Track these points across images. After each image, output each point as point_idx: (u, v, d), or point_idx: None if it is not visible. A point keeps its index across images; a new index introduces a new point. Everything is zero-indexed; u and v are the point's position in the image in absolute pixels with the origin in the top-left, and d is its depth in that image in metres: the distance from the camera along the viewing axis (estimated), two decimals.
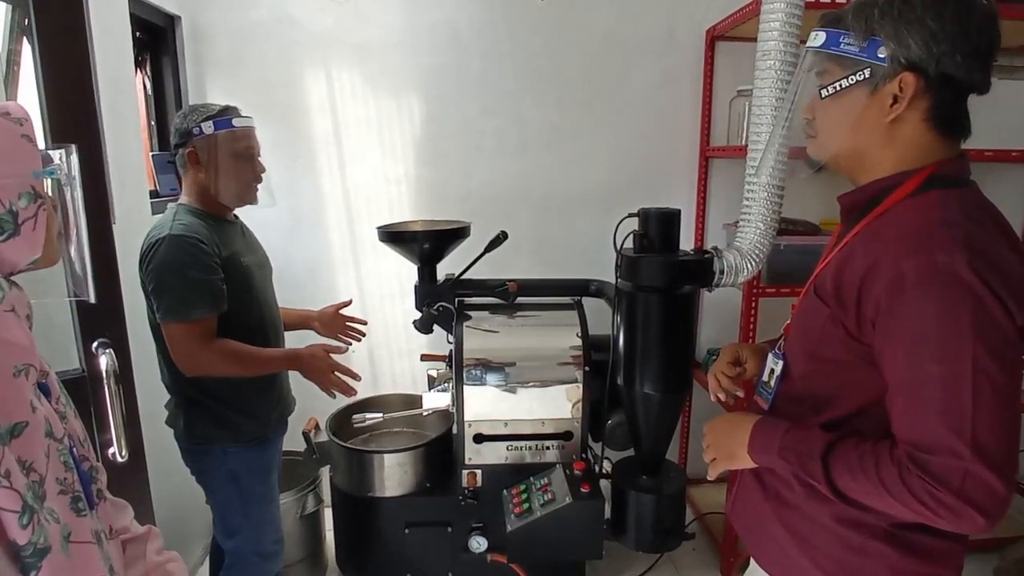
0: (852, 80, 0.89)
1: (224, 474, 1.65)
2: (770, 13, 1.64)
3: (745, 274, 1.72)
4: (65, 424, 0.80)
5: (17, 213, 0.70)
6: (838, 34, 0.89)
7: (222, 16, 2.33)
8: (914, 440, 0.81)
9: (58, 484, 0.74)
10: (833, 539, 0.96)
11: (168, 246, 1.48)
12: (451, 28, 2.44)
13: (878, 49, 0.86)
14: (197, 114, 1.59)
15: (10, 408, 0.68)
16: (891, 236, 0.86)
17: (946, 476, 0.78)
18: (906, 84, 0.86)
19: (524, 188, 2.57)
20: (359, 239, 2.56)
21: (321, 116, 2.46)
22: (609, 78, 2.52)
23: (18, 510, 0.64)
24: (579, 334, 1.90)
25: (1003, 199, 2.35)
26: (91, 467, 0.84)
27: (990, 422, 0.77)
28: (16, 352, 0.70)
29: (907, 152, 0.90)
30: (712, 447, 1.08)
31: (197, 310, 1.49)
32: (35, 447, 0.71)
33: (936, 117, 0.88)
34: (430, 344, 2.43)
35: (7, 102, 0.75)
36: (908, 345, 0.81)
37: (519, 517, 1.76)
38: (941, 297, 0.78)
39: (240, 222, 1.77)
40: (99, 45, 1.76)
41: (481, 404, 1.88)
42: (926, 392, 0.80)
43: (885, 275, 0.82)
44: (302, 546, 2.26)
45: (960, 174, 0.92)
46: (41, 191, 0.73)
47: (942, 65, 0.84)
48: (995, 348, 0.78)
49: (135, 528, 0.95)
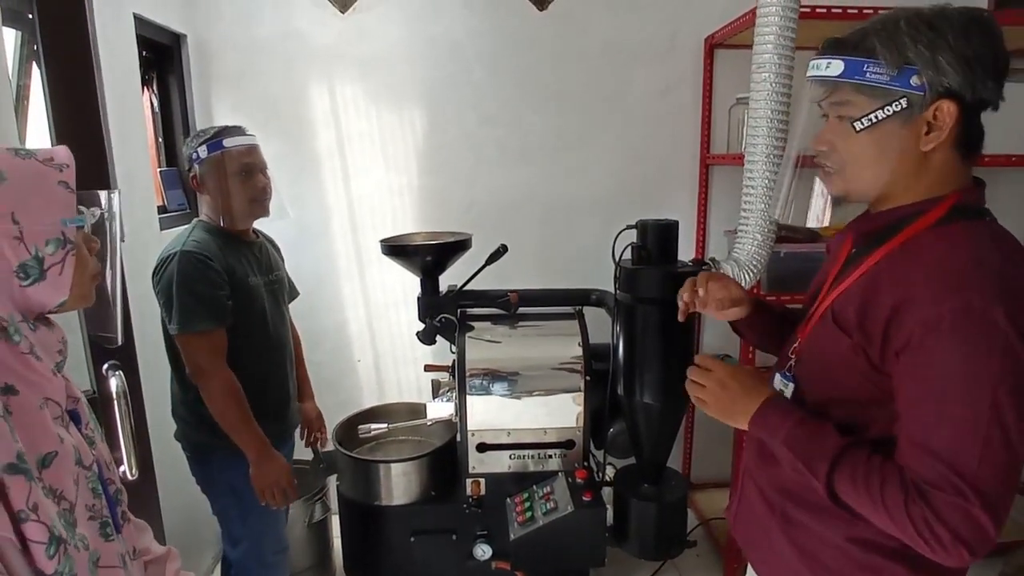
0: (888, 111, 0.85)
1: (224, 485, 1.70)
2: (765, 26, 1.66)
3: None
4: (93, 450, 0.82)
5: (43, 259, 0.72)
6: (861, 62, 0.85)
7: (227, 33, 2.38)
8: (922, 473, 0.82)
9: (87, 511, 0.77)
10: (842, 557, 0.96)
11: (178, 261, 1.55)
12: (452, 40, 2.46)
13: (911, 77, 0.82)
14: (196, 139, 1.65)
15: (38, 440, 0.70)
16: (924, 271, 0.84)
17: (948, 514, 0.79)
18: (947, 112, 0.83)
19: (526, 197, 2.60)
20: (363, 249, 2.59)
21: (325, 129, 2.49)
22: (609, 87, 2.54)
23: (45, 541, 0.67)
24: (580, 344, 1.92)
25: (1003, 204, 2.35)
26: (116, 489, 0.87)
27: (996, 468, 0.79)
28: (38, 387, 0.73)
29: (936, 180, 0.88)
30: (711, 395, 1.04)
31: (201, 322, 1.54)
32: (65, 476, 0.73)
33: (965, 142, 0.87)
34: (434, 354, 2.46)
35: (56, 147, 0.77)
36: (932, 382, 0.81)
37: (522, 525, 1.78)
38: (974, 341, 0.78)
39: (261, 241, 1.81)
40: (106, 66, 1.81)
41: (484, 414, 1.90)
42: (941, 430, 0.81)
43: (920, 312, 0.81)
44: (310, 554, 2.30)
45: (981, 203, 0.91)
46: (71, 237, 0.75)
47: (978, 90, 0.82)
48: (1018, 399, 0.78)
49: (156, 549, 0.98)
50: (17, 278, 0.70)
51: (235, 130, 1.67)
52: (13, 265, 0.70)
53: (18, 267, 0.70)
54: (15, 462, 0.65)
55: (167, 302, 1.56)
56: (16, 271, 0.70)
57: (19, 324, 0.71)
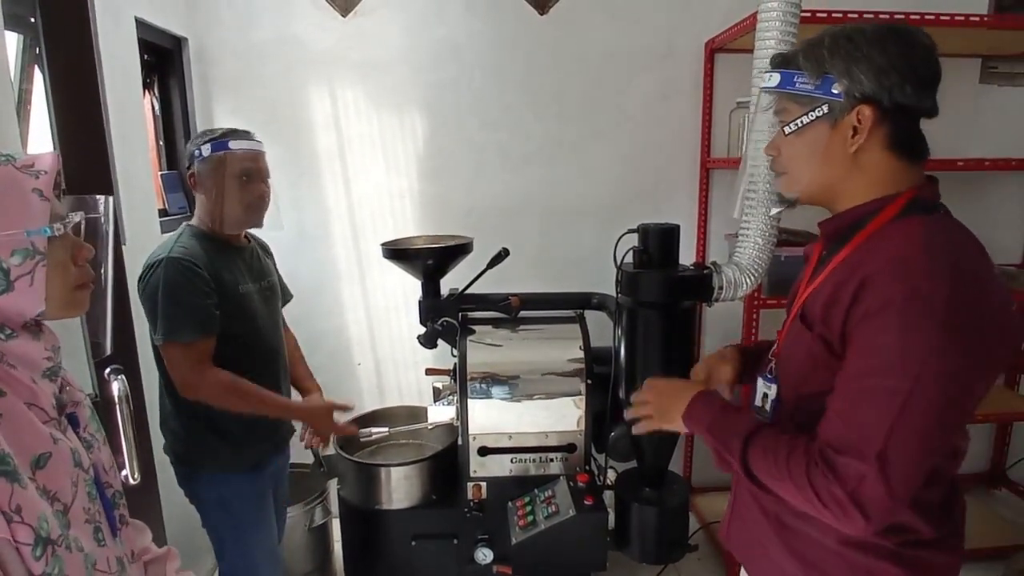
0: (812, 116, 0.94)
1: (215, 500, 1.65)
2: (766, 31, 1.66)
3: (744, 288, 1.74)
4: (91, 453, 0.82)
5: (9, 270, 0.70)
6: (792, 74, 0.95)
7: (227, 37, 2.38)
8: (830, 439, 0.88)
9: (84, 513, 0.76)
10: (839, 561, 0.97)
11: (164, 268, 1.49)
12: (452, 44, 2.47)
13: (832, 86, 0.92)
14: (201, 137, 1.60)
15: (30, 441, 0.70)
16: (879, 258, 0.89)
17: (845, 475, 0.84)
18: (863, 116, 0.91)
19: (527, 201, 2.60)
20: (364, 253, 2.59)
21: (325, 133, 2.49)
22: (610, 91, 2.55)
23: (31, 543, 0.66)
24: (581, 347, 1.92)
25: (1001, 208, 2.37)
26: (115, 492, 0.87)
27: (904, 442, 0.82)
28: (24, 393, 0.73)
29: (876, 178, 0.95)
30: (649, 405, 1.17)
31: (187, 332, 1.49)
32: (60, 477, 0.73)
33: (896, 144, 0.93)
34: (435, 358, 2.45)
35: (42, 153, 0.75)
36: (867, 358, 0.86)
37: (524, 529, 1.78)
38: (913, 321, 0.82)
39: (253, 246, 1.76)
40: (108, 69, 1.81)
41: (485, 417, 1.90)
42: (863, 402, 0.85)
43: (870, 296, 0.86)
44: (311, 558, 2.29)
45: (935, 199, 0.96)
46: (40, 247, 0.72)
47: (894, 95, 0.89)
48: (944, 381, 0.81)
49: (155, 550, 0.99)
50: None
51: (243, 134, 1.62)
52: None
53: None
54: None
55: (152, 310, 1.50)
56: None
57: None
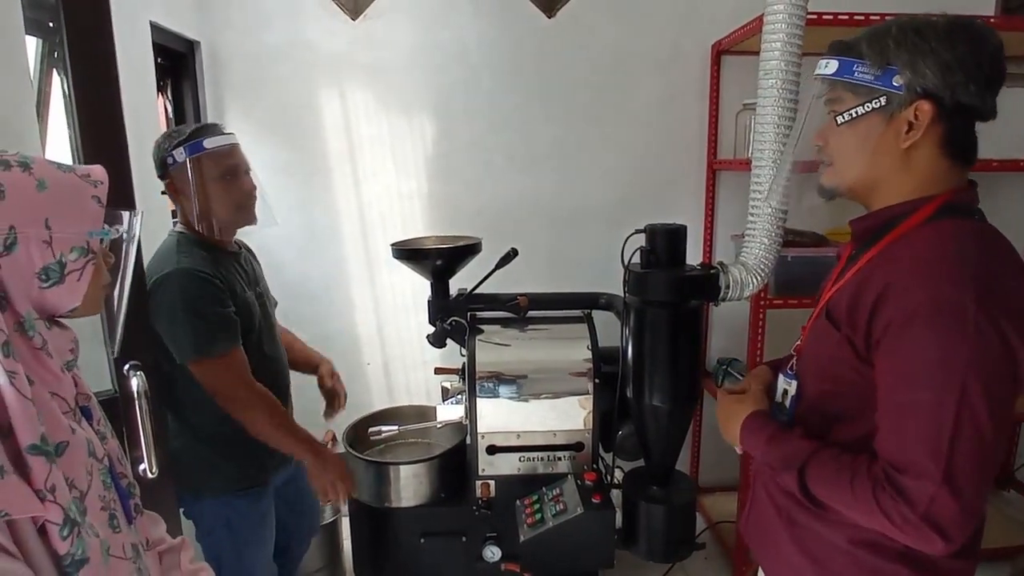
0: (868, 107, 0.91)
1: (219, 520, 1.61)
2: (772, 33, 1.67)
3: (751, 288, 1.75)
4: (104, 444, 0.86)
5: (65, 264, 0.76)
6: (852, 62, 0.92)
7: (239, 41, 2.41)
8: (892, 459, 0.85)
9: (99, 500, 0.80)
10: (848, 561, 0.98)
11: (178, 282, 1.42)
12: (460, 47, 2.49)
13: (893, 78, 0.89)
14: (169, 141, 1.50)
15: (52, 429, 0.74)
16: (906, 262, 0.88)
17: (915, 497, 0.82)
18: (922, 112, 0.88)
19: (535, 202, 2.62)
20: (373, 254, 2.62)
21: (336, 135, 2.52)
22: (616, 93, 2.56)
23: (60, 523, 0.70)
24: (589, 347, 1.93)
25: (1009, 209, 2.36)
26: (128, 483, 0.90)
27: (966, 454, 0.81)
28: (47, 382, 0.76)
29: (921, 179, 0.93)
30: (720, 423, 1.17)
31: (220, 345, 1.43)
32: (77, 465, 0.77)
33: (949, 144, 0.91)
34: (444, 357, 2.47)
35: (93, 166, 0.82)
36: (906, 369, 0.84)
37: (532, 527, 1.79)
38: (946, 329, 0.81)
39: (243, 251, 1.70)
40: (123, 73, 1.83)
41: (494, 416, 1.91)
42: (913, 416, 0.84)
43: (897, 300, 0.85)
44: (321, 556, 2.31)
45: (972, 203, 0.94)
46: (94, 247, 0.79)
47: (957, 94, 0.87)
48: (987, 384, 0.80)
49: (169, 540, 1.02)
50: (38, 279, 0.74)
51: (212, 128, 1.52)
52: (37, 267, 0.74)
53: (41, 269, 0.74)
54: (38, 443, 0.69)
55: (171, 328, 1.41)
56: (39, 273, 0.74)
57: (35, 322, 0.75)
